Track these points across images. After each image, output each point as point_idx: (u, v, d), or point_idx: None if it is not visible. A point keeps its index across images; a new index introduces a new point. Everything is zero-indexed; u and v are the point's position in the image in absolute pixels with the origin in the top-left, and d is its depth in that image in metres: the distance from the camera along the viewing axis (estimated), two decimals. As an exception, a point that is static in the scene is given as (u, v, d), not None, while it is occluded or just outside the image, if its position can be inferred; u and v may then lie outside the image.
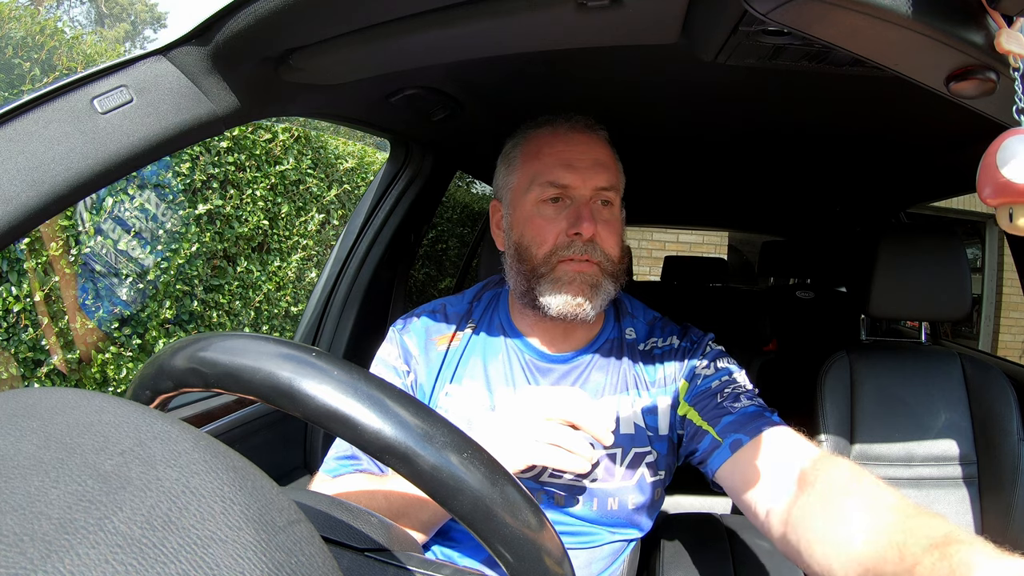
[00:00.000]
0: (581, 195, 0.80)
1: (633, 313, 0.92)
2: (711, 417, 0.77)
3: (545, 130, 0.85)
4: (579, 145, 0.82)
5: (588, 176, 0.80)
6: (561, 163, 0.81)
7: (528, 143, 0.86)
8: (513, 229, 0.85)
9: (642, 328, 0.90)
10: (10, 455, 0.23)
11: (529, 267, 0.81)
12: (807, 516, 0.60)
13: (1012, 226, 0.39)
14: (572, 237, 0.79)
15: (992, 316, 6.30)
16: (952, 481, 1.13)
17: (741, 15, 0.59)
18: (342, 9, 0.63)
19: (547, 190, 0.81)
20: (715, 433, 0.75)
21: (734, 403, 0.77)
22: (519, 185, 0.84)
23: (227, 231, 2.94)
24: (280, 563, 0.23)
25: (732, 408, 0.76)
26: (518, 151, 0.86)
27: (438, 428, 0.36)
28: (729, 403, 0.77)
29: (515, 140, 0.88)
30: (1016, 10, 0.40)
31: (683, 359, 0.85)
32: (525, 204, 0.83)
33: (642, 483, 0.81)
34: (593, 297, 0.79)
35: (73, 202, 0.60)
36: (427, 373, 0.86)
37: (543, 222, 0.81)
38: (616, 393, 0.84)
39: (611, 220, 0.82)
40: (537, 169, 0.82)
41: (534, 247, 0.81)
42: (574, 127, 0.84)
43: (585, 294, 0.79)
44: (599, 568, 0.81)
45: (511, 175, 0.86)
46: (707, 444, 0.76)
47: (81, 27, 15.97)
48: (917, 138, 1.32)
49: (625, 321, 0.90)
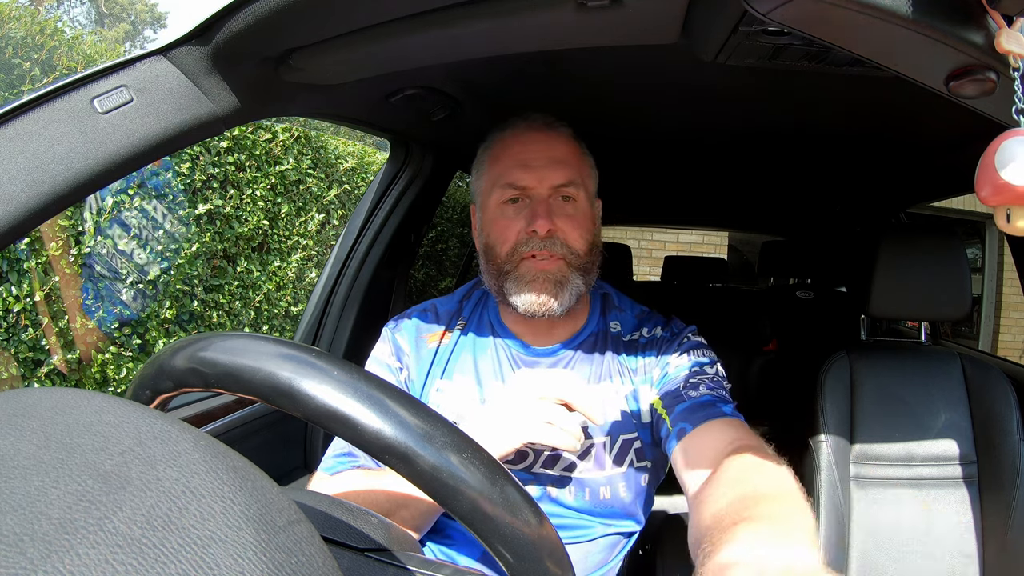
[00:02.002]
0: (539, 194, 0.82)
1: (620, 307, 0.94)
2: (668, 405, 0.79)
3: (507, 133, 0.87)
4: (535, 144, 0.84)
5: (544, 175, 0.82)
6: (518, 164, 0.83)
7: (493, 147, 0.88)
8: (483, 231, 0.88)
9: (629, 321, 0.91)
10: (10, 455, 0.23)
11: (495, 266, 0.84)
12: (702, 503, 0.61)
13: (1010, 227, 0.39)
14: (530, 234, 0.81)
15: (992, 316, 6.30)
16: (952, 481, 1.13)
17: (741, 15, 0.59)
18: (342, 9, 0.63)
19: (506, 191, 0.83)
20: (668, 422, 0.78)
21: (691, 391, 0.78)
22: (485, 189, 0.87)
23: (227, 231, 2.94)
24: (280, 563, 0.23)
25: (687, 396, 0.78)
26: (485, 156, 0.89)
27: (438, 428, 0.36)
28: (687, 391, 0.78)
29: (485, 145, 0.90)
30: (1016, 10, 0.40)
31: (661, 349, 0.87)
32: (490, 206, 0.85)
33: (632, 472, 0.82)
34: (558, 293, 0.81)
35: (73, 202, 0.60)
36: (418, 369, 0.88)
37: (505, 222, 0.83)
38: (600, 382, 0.85)
39: (574, 215, 0.84)
40: (498, 172, 0.85)
41: (498, 246, 0.84)
42: (531, 126, 0.86)
43: (549, 291, 0.81)
44: (595, 562, 0.81)
45: (479, 180, 0.89)
46: (663, 432, 0.78)
47: (81, 27, 15.97)
48: (917, 138, 1.32)
49: (611, 315, 0.92)
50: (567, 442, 0.69)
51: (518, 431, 0.69)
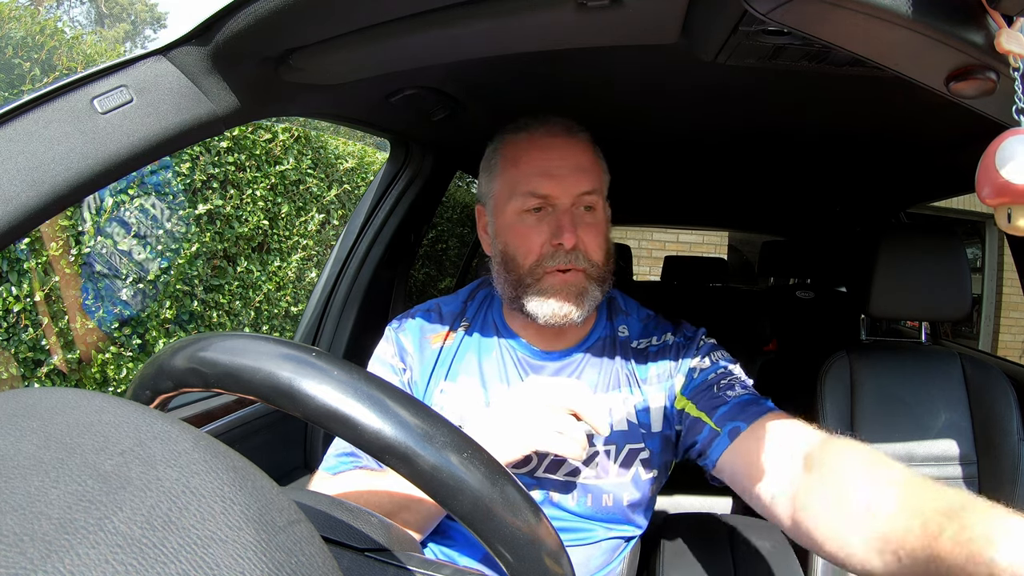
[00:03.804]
0: (562, 203, 0.80)
1: (627, 311, 0.93)
2: (708, 408, 0.77)
3: (523, 136, 0.84)
4: (557, 151, 0.82)
5: (568, 184, 0.80)
6: (540, 172, 0.80)
7: (507, 149, 0.85)
8: (498, 237, 0.85)
9: (636, 325, 0.91)
10: (10, 455, 0.23)
11: (516, 276, 0.82)
12: (818, 496, 0.60)
13: (1010, 226, 0.39)
14: (555, 247, 0.79)
15: (992, 316, 6.30)
16: (952, 481, 1.13)
17: (741, 15, 0.59)
18: (342, 9, 0.63)
19: (528, 200, 0.80)
20: (712, 423, 0.76)
21: (728, 392, 0.77)
22: (500, 193, 0.84)
23: (227, 231, 2.94)
24: (280, 563, 0.23)
25: (727, 397, 0.77)
26: (497, 157, 0.86)
27: (438, 428, 0.36)
28: (724, 392, 0.77)
29: (495, 145, 0.88)
30: (1016, 10, 0.40)
31: (677, 355, 0.86)
32: (507, 213, 0.83)
33: (636, 480, 0.82)
34: (580, 304, 0.80)
35: (73, 202, 0.60)
36: (421, 370, 0.87)
37: (526, 230, 0.81)
38: (609, 390, 0.84)
39: (594, 224, 0.82)
40: (517, 178, 0.82)
41: (520, 257, 0.81)
42: (551, 132, 0.83)
43: (572, 302, 0.80)
44: (597, 565, 0.81)
45: (492, 182, 0.86)
46: (706, 434, 0.76)
47: (81, 27, 15.98)
48: (917, 138, 1.32)
49: (618, 319, 0.91)
50: (574, 451, 0.68)
51: (527, 438, 0.69)
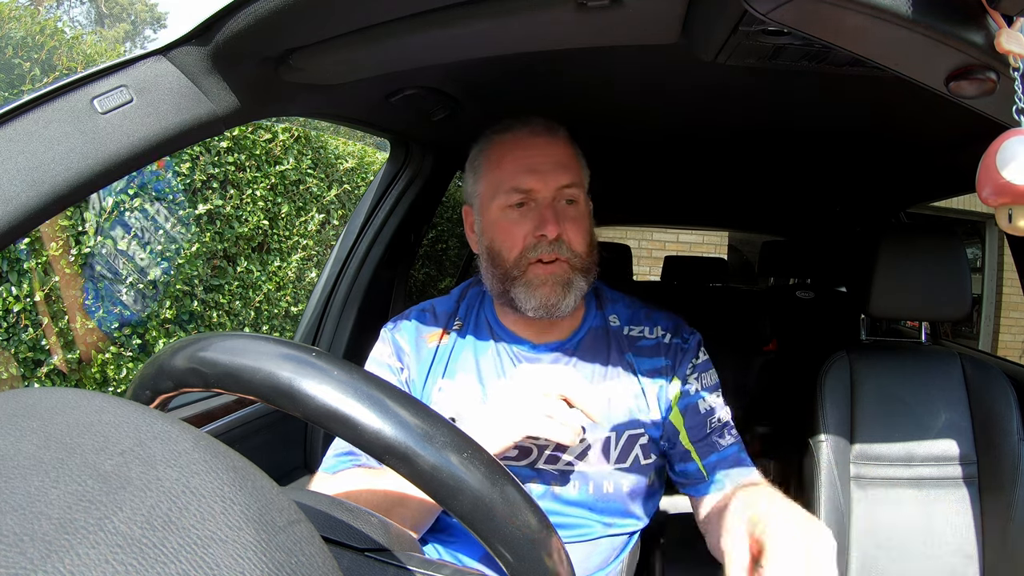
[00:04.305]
0: (544, 197, 0.83)
1: (613, 299, 0.95)
2: (699, 446, 0.84)
3: (506, 136, 0.87)
4: (539, 148, 0.85)
5: (549, 178, 0.83)
6: (523, 168, 0.83)
7: (491, 150, 0.88)
8: (484, 234, 0.88)
9: (624, 312, 0.93)
10: (10, 455, 0.23)
11: (502, 270, 0.84)
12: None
13: (1011, 227, 0.39)
14: (538, 238, 0.82)
15: (992, 316, 6.30)
16: (952, 481, 1.13)
17: (741, 15, 0.59)
18: (342, 9, 0.63)
19: (512, 196, 0.83)
20: (702, 467, 0.84)
21: (719, 439, 0.85)
22: (485, 192, 0.87)
23: (227, 231, 2.94)
24: (280, 563, 0.23)
25: (719, 445, 0.84)
26: (482, 159, 0.89)
27: (438, 428, 0.36)
28: (714, 437, 0.85)
29: (479, 147, 0.90)
30: (1016, 10, 0.40)
31: (675, 357, 0.88)
32: (492, 210, 0.85)
33: (636, 466, 0.83)
34: (566, 294, 0.83)
35: (73, 202, 0.60)
36: (419, 369, 0.88)
37: (510, 225, 0.84)
38: (606, 379, 0.86)
39: (576, 217, 0.85)
40: (500, 176, 0.85)
41: (504, 251, 0.84)
42: (534, 131, 0.87)
43: (558, 293, 0.82)
44: (597, 563, 0.82)
45: (478, 182, 0.89)
46: (693, 471, 0.85)
47: (81, 27, 15.96)
48: (917, 138, 1.32)
49: (607, 308, 0.93)
50: (567, 436, 0.69)
51: (518, 424, 0.70)
